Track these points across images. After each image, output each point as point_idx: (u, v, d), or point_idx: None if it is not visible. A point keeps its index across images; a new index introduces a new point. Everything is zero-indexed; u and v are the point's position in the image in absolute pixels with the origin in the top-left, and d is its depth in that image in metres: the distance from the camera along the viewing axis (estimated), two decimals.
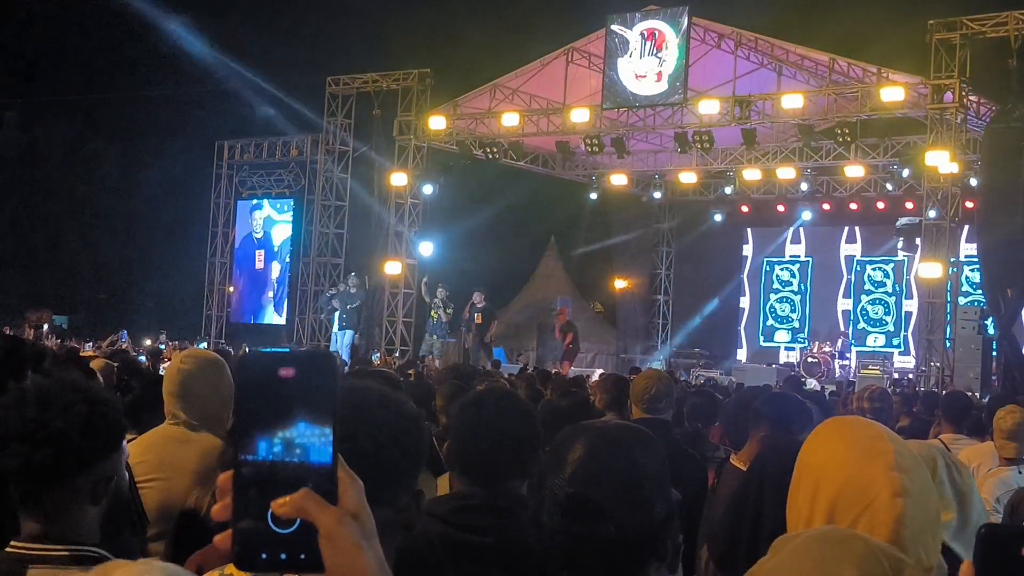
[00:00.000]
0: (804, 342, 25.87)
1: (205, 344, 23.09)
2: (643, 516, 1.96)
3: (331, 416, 1.08)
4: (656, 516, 1.98)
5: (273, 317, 27.75)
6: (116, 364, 8.06)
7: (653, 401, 5.45)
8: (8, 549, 2.27)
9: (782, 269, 28.03)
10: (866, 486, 1.82)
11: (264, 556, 1.07)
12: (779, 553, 1.60)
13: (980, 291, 19.74)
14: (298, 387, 1.08)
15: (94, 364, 6.27)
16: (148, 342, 21.85)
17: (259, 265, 27.98)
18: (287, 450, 1.07)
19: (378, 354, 21.70)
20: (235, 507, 1.07)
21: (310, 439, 1.08)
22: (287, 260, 27.54)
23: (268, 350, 1.11)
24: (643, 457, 2.02)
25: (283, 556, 1.07)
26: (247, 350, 1.09)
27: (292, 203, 27.35)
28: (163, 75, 28.38)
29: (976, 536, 1.14)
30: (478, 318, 21.62)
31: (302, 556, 1.07)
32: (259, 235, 28.05)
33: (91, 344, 20.11)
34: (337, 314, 22.52)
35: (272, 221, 27.86)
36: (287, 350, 1.11)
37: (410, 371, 12.83)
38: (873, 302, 26.50)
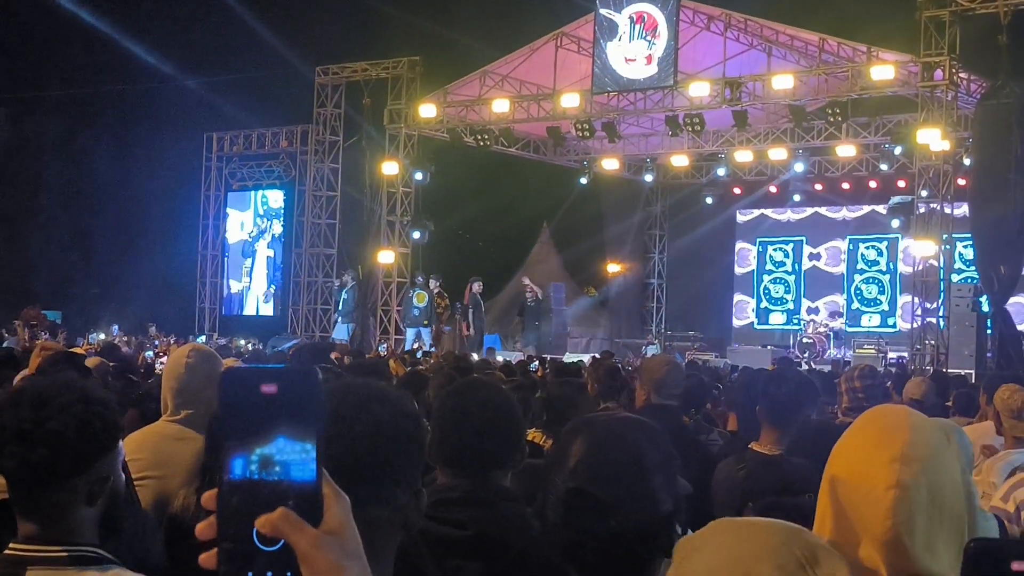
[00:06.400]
0: (799, 324, 25.89)
1: (204, 339, 23.02)
2: (648, 510, 1.94)
3: (315, 432, 1.07)
4: (662, 510, 1.95)
5: (263, 308, 27.74)
6: (112, 364, 8.04)
7: (665, 387, 5.40)
8: (7, 551, 2.26)
9: (775, 249, 28.05)
10: (867, 476, 1.77)
11: (250, 574, 1.06)
12: (699, 552, 1.57)
13: (973, 267, 19.76)
14: (281, 404, 1.07)
15: (89, 362, 6.22)
16: (159, 343, 21.71)
17: (250, 257, 27.96)
18: (269, 468, 1.06)
19: (385, 346, 21.60)
20: (219, 525, 1.07)
21: (292, 456, 1.07)
22: (275, 253, 27.52)
23: (251, 366, 1.10)
24: (648, 450, 2.00)
25: (269, 574, 1.07)
26: (231, 366, 1.10)
27: (283, 194, 27.30)
28: (151, 68, 28.24)
29: (964, 551, 1.11)
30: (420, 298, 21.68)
31: (288, 574, 1.07)
32: (250, 227, 28.00)
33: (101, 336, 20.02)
34: (343, 304, 22.58)
35: (262, 213, 27.83)
36: (270, 366, 1.10)
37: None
38: (867, 281, 26.54)
